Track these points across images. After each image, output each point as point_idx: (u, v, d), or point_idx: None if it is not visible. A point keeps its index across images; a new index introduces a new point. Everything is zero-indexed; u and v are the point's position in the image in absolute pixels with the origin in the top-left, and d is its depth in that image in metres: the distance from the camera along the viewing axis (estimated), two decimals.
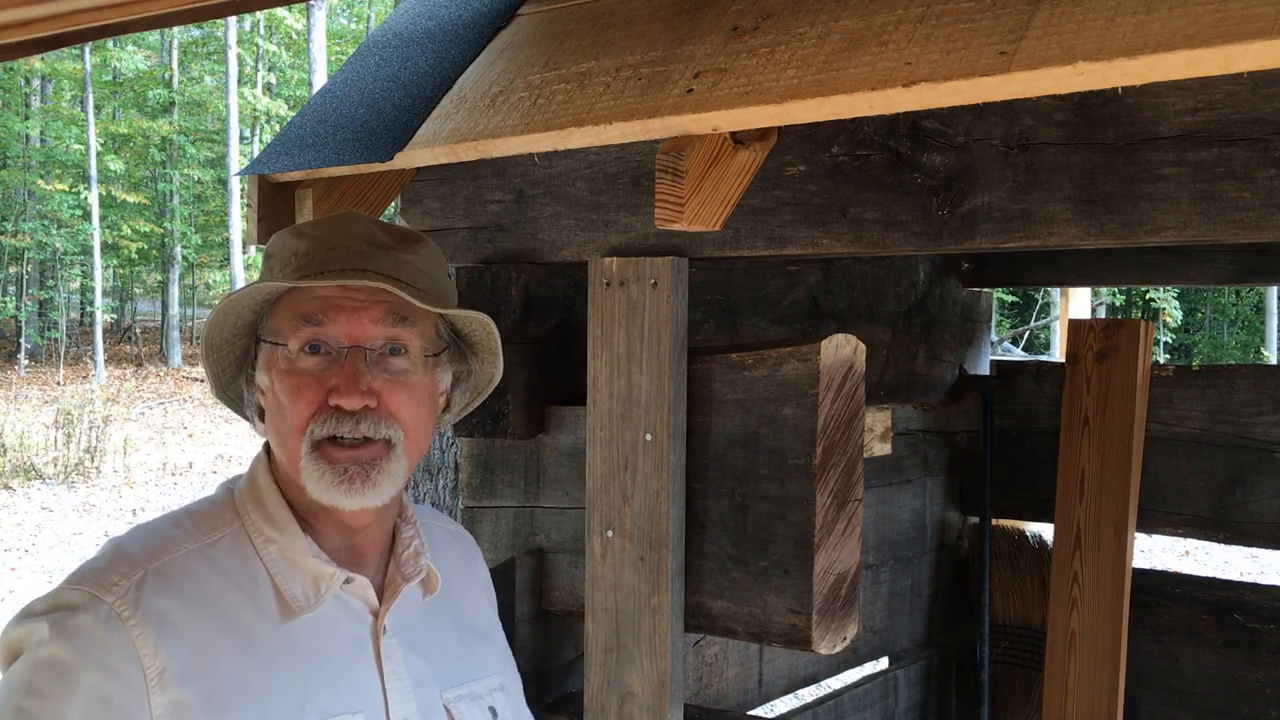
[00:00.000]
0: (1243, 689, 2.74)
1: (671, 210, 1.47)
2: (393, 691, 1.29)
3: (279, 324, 1.28)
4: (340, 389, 1.23)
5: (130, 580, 1.18)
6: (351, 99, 1.99)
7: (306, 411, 1.24)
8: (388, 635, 1.31)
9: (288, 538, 1.28)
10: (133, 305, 30.90)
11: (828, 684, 3.47)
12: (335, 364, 1.25)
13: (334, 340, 1.26)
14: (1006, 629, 3.04)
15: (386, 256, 1.28)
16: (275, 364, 1.27)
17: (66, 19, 1.50)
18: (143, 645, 1.15)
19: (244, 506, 1.31)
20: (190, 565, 1.23)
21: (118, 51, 25.48)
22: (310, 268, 1.27)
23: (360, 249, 1.28)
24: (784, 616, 1.72)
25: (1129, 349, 2.70)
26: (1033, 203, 1.49)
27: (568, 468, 2.00)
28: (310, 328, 1.25)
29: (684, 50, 1.56)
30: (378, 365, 1.27)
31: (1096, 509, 2.72)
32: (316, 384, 1.25)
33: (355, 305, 1.26)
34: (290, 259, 1.29)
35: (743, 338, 2.23)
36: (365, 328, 1.26)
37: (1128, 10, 1.17)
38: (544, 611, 2.05)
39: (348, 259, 1.27)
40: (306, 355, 1.26)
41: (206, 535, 1.27)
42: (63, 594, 1.18)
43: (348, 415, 1.24)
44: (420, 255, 1.32)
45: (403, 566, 1.36)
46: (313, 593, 1.26)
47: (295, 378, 1.25)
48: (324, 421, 1.24)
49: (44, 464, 13.02)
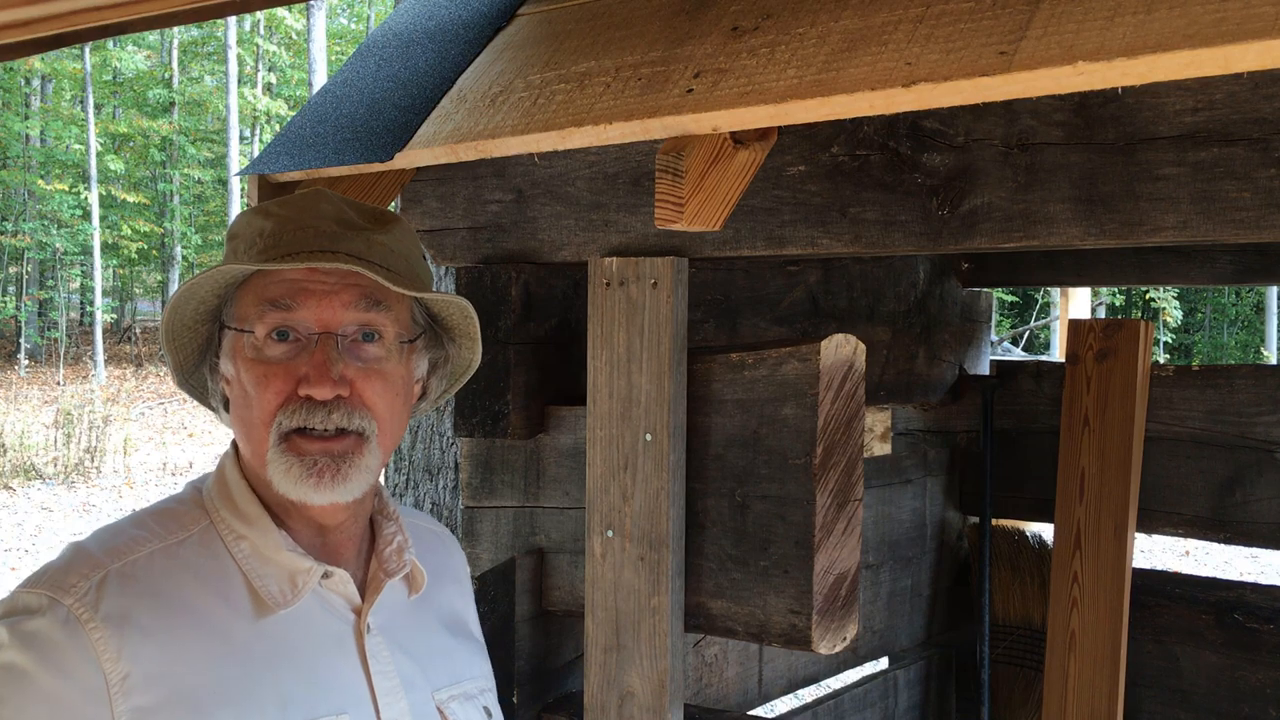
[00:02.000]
0: (1243, 689, 2.74)
1: (671, 210, 1.47)
2: (382, 692, 1.24)
3: (244, 309, 1.21)
4: (311, 378, 1.17)
5: (90, 581, 1.13)
6: (351, 99, 1.99)
7: (274, 401, 1.18)
8: (372, 634, 1.26)
9: (260, 533, 1.22)
10: (133, 305, 30.92)
11: (828, 684, 3.48)
12: (305, 351, 1.19)
13: (303, 326, 1.19)
14: (1006, 629, 3.04)
15: (358, 237, 1.21)
16: (241, 351, 1.21)
17: (66, 19, 1.51)
18: (103, 649, 1.10)
19: (212, 504, 1.25)
20: (156, 565, 1.17)
21: (118, 51, 25.48)
22: (277, 249, 1.19)
23: (330, 229, 1.20)
24: (784, 616, 1.72)
25: (1129, 349, 2.70)
26: (1033, 203, 1.49)
27: (568, 468, 2.00)
28: (278, 313, 1.19)
29: (684, 50, 1.56)
30: (350, 352, 1.20)
31: (1096, 509, 2.72)
32: (285, 372, 1.18)
33: (325, 289, 1.19)
34: (255, 240, 1.21)
35: (743, 338, 2.23)
36: (336, 313, 1.19)
37: (1128, 10, 1.17)
38: (544, 611, 2.05)
39: (317, 240, 1.19)
40: (274, 342, 1.19)
41: (173, 534, 1.21)
42: (20, 597, 1.13)
43: (319, 406, 1.17)
44: (394, 235, 1.24)
45: (385, 563, 1.30)
46: (289, 588, 1.20)
47: (262, 366, 1.19)
48: (293, 412, 1.17)
49: (44, 464, 13.02)
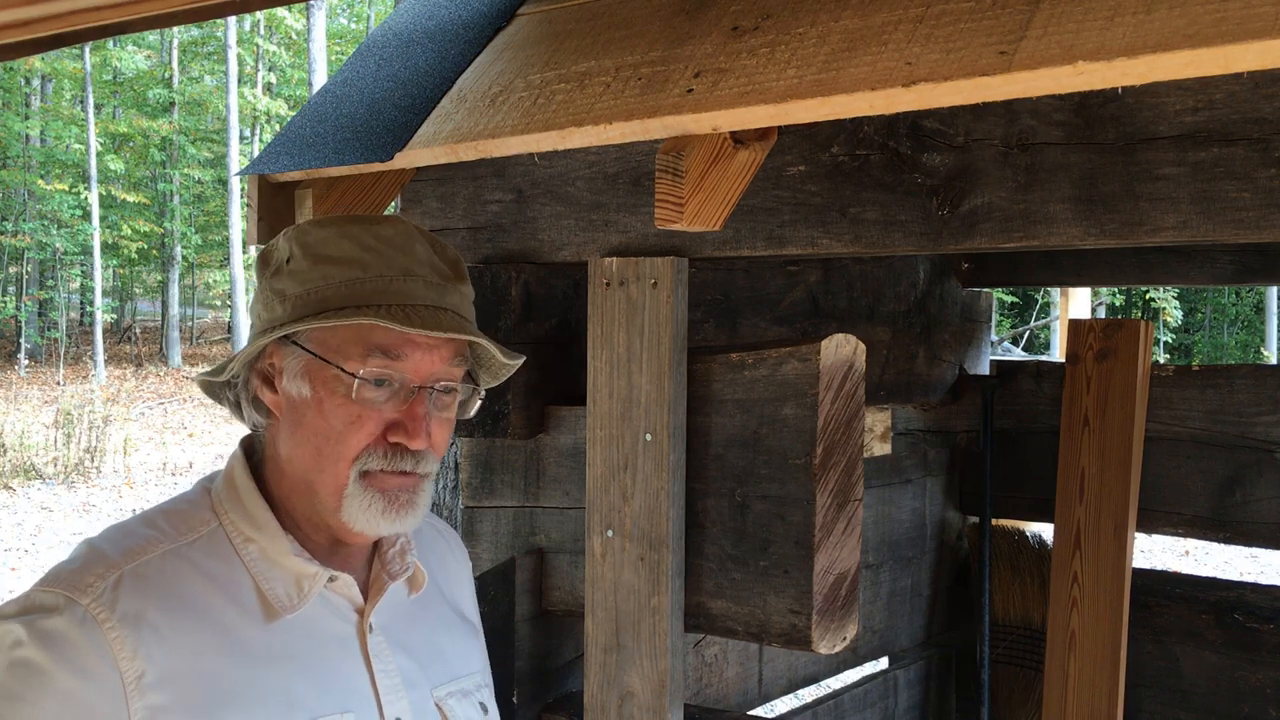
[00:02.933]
0: (1243, 689, 2.74)
1: (671, 210, 1.47)
2: (384, 690, 1.27)
3: (344, 346, 1.22)
4: (408, 430, 1.22)
5: (106, 582, 1.15)
6: (351, 99, 1.99)
7: (363, 444, 1.22)
8: (374, 634, 1.29)
9: (268, 537, 1.25)
10: (133, 305, 30.91)
11: (828, 684, 3.47)
12: (396, 397, 1.23)
13: (403, 378, 1.23)
14: (1006, 629, 3.04)
15: (453, 291, 1.26)
16: (329, 384, 1.22)
17: (66, 19, 1.51)
18: (120, 649, 1.12)
19: (221, 506, 1.27)
20: (167, 566, 1.20)
21: (118, 51, 25.49)
22: (386, 295, 1.21)
23: (434, 280, 1.24)
24: (784, 616, 1.72)
25: (1129, 349, 2.70)
26: (1033, 203, 1.49)
27: (568, 468, 2.00)
28: (383, 360, 1.21)
29: (684, 50, 1.56)
30: (437, 405, 1.25)
31: (1096, 509, 2.72)
32: (378, 416, 1.22)
33: (431, 344, 1.23)
34: (357, 272, 1.23)
35: (743, 338, 2.23)
36: (436, 367, 1.24)
37: (1128, 10, 1.17)
38: (544, 611, 2.05)
39: (426, 292, 1.23)
40: (371, 386, 1.22)
41: (183, 535, 1.24)
42: (36, 596, 1.15)
43: (409, 453, 1.23)
44: (469, 286, 1.29)
45: (388, 564, 1.34)
46: (295, 592, 1.24)
47: (356, 408, 1.21)
48: (384, 455, 1.22)
49: (44, 464, 13.01)
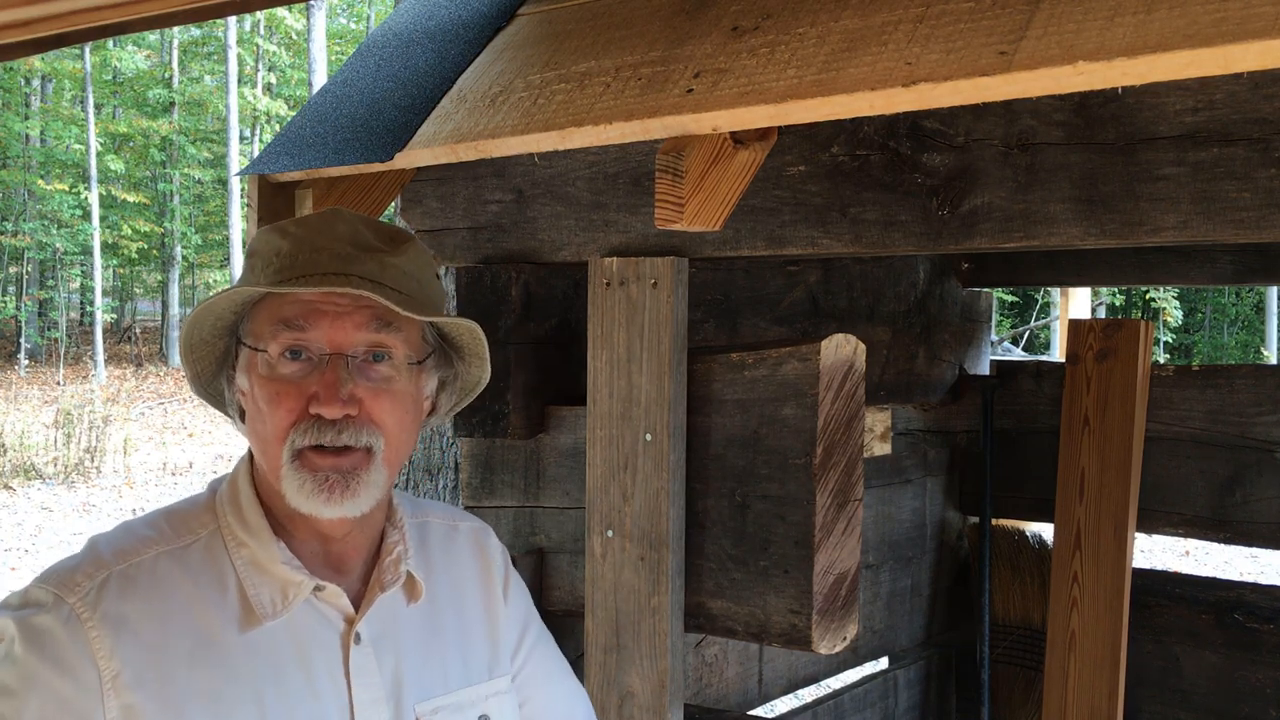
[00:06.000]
0: (1243, 689, 2.74)
1: (671, 210, 1.47)
2: (362, 704, 1.26)
3: (259, 327, 1.25)
4: (321, 397, 1.21)
5: (94, 581, 1.19)
6: (351, 99, 1.99)
7: (287, 419, 1.22)
8: (361, 645, 1.28)
9: (260, 543, 1.26)
10: (133, 305, 30.93)
11: (828, 684, 3.48)
12: (316, 370, 1.22)
13: (315, 346, 1.23)
14: (1006, 629, 3.04)
15: (371, 259, 1.24)
16: (255, 368, 1.24)
17: (66, 19, 1.51)
18: (99, 647, 1.15)
19: (222, 509, 1.28)
20: (159, 569, 1.22)
21: (118, 51, 25.48)
22: (293, 270, 1.23)
23: (344, 251, 1.24)
24: (784, 616, 1.72)
25: (1129, 349, 2.70)
26: (1033, 203, 1.49)
27: (568, 468, 2.00)
28: (291, 333, 1.22)
29: (684, 50, 1.56)
30: (360, 372, 1.24)
31: (1096, 509, 2.72)
32: (297, 391, 1.22)
33: (338, 310, 1.23)
34: (272, 259, 1.25)
35: (743, 338, 2.23)
36: (348, 334, 1.23)
37: (1128, 10, 1.17)
38: (544, 611, 2.05)
39: (331, 262, 1.23)
40: (287, 361, 1.23)
41: (181, 538, 1.26)
42: (32, 592, 1.20)
43: (329, 424, 1.21)
44: (407, 257, 1.28)
45: (383, 574, 1.33)
46: (280, 600, 1.24)
47: (275, 384, 1.23)
48: (305, 430, 1.21)
49: (44, 464, 13.01)
